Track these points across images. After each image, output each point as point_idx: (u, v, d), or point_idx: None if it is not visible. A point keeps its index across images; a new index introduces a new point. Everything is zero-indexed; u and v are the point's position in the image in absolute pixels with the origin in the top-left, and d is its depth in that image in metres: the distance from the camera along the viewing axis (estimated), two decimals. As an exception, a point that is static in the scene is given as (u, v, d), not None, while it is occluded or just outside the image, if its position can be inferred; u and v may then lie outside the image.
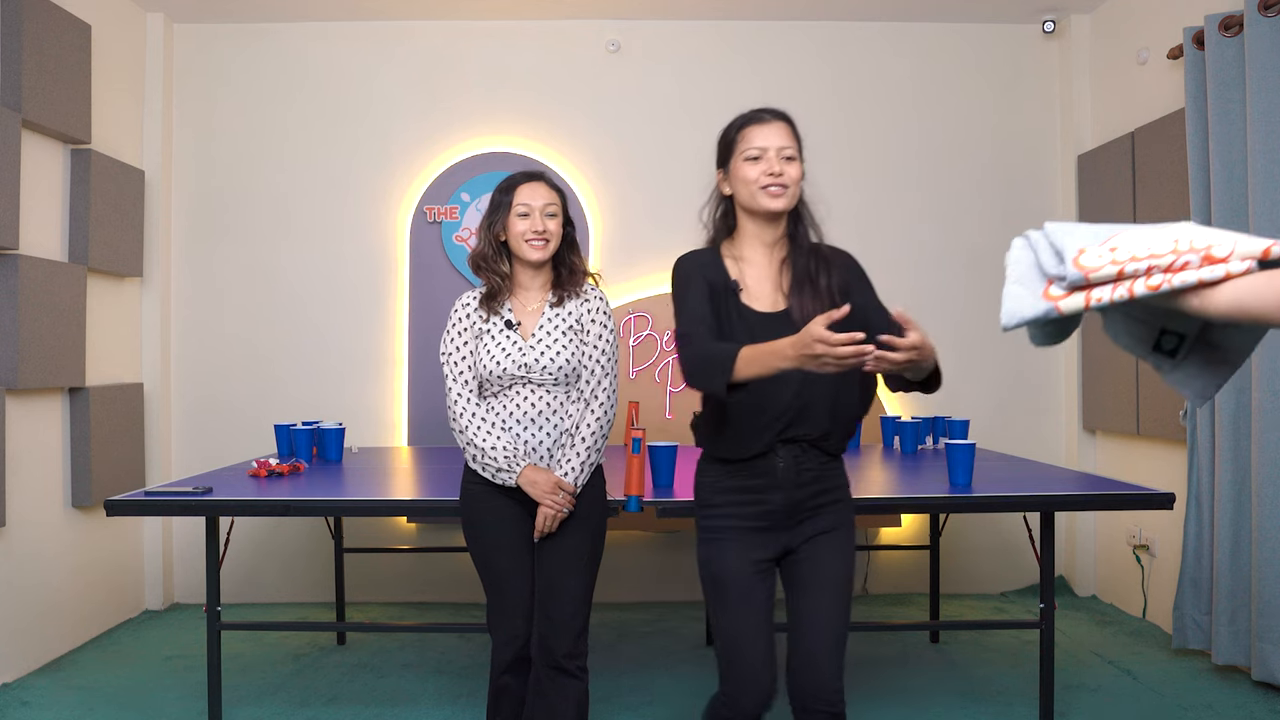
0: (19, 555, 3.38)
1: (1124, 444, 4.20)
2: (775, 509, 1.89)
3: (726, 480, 1.92)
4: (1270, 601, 3.05)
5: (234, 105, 4.50)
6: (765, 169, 1.88)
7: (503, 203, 2.26)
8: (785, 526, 1.90)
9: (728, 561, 1.88)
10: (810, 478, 1.89)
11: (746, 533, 1.89)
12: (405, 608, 4.32)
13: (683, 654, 3.63)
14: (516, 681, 2.26)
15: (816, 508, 1.91)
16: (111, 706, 3.10)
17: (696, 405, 2.00)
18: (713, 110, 4.51)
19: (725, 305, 1.89)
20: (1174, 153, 3.69)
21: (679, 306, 1.92)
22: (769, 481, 1.89)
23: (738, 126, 1.95)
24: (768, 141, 1.89)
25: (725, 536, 1.89)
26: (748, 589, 1.87)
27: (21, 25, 3.29)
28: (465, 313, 2.29)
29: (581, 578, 2.22)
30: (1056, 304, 0.99)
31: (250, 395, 4.43)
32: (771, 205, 1.88)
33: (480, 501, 2.25)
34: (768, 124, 1.91)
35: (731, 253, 1.97)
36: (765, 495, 1.88)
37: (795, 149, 1.91)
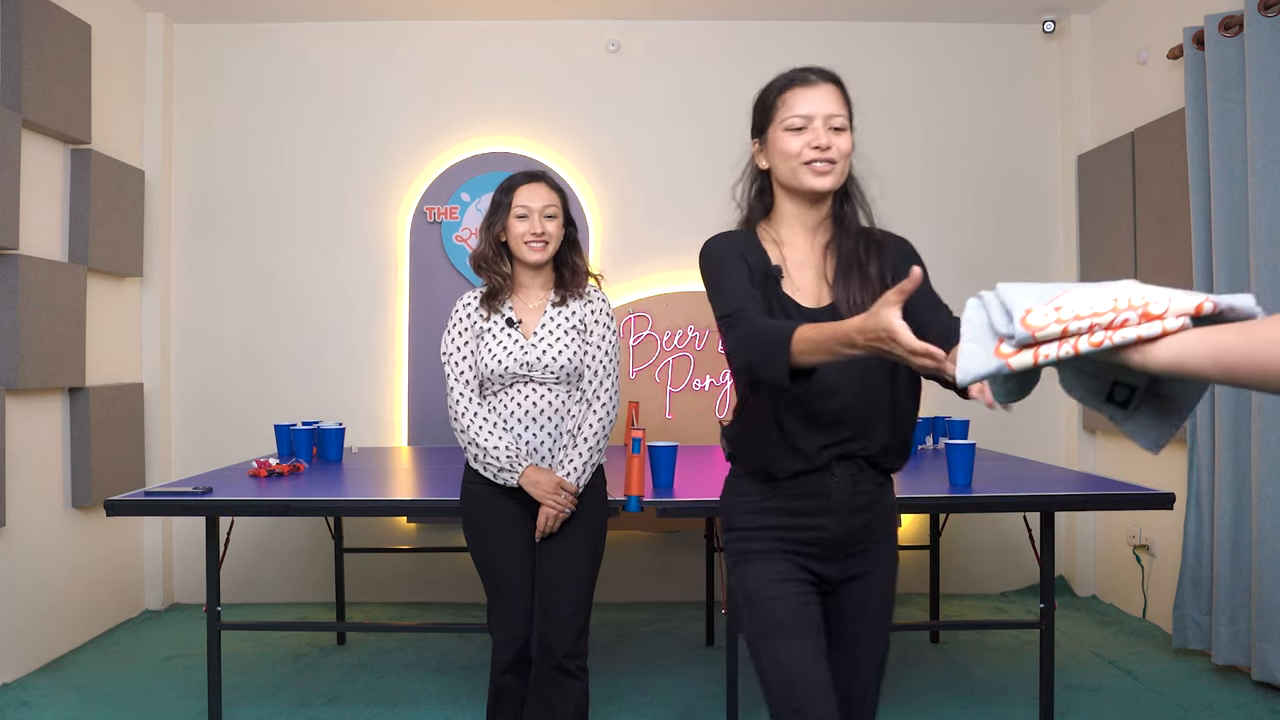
0: (19, 555, 3.38)
1: (1124, 444, 4.20)
2: (827, 537, 1.61)
3: (768, 500, 1.62)
4: (1270, 601, 3.05)
5: (234, 105, 4.50)
6: (810, 141, 1.58)
7: (502, 204, 2.26)
8: (833, 558, 1.63)
9: (772, 582, 1.59)
10: (865, 501, 1.62)
11: (795, 559, 1.61)
12: (405, 608, 4.32)
13: (683, 654, 3.63)
14: (517, 681, 2.26)
15: (870, 538, 1.65)
16: (111, 706, 3.10)
17: (720, 410, 1.91)
18: (713, 110, 4.55)
19: (765, 294, 1.60)
20: (1174, 153, 3.69)
21: (715, 289, 1.61)
22: (821, 504, 1.60)
23: (778, 89, 1.63)
24: (814, 108, 1.58)
25: (765, 556, 1.61)
26: (799, 613, 1.58)
27: (21, 25, 3.29)
28: (466, 312, 2.29)
29: (582, 578, 2.22)
30: (1007, 361, 1.06)
31: (250, 395, 4.43)
32: (816, 184, 1.59)
33: (481, 501, 2.25)
34: (814, 86, 1.60)
35: (769, 235, 1.68)
36: (816, 520, 1.61)
37: (846, 117, 1.61)
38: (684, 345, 4.38)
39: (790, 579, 1.60)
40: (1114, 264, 4.14)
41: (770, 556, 1.61)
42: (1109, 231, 4.19)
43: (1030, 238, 4.59)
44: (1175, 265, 3.70)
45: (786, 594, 1.58)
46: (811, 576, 1.62)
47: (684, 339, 4.37)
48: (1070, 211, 4.52)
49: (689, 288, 4.42)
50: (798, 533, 1.61)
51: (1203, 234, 3.39)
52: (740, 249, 1.62)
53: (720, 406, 4.34)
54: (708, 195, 4.55)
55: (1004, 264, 4.55)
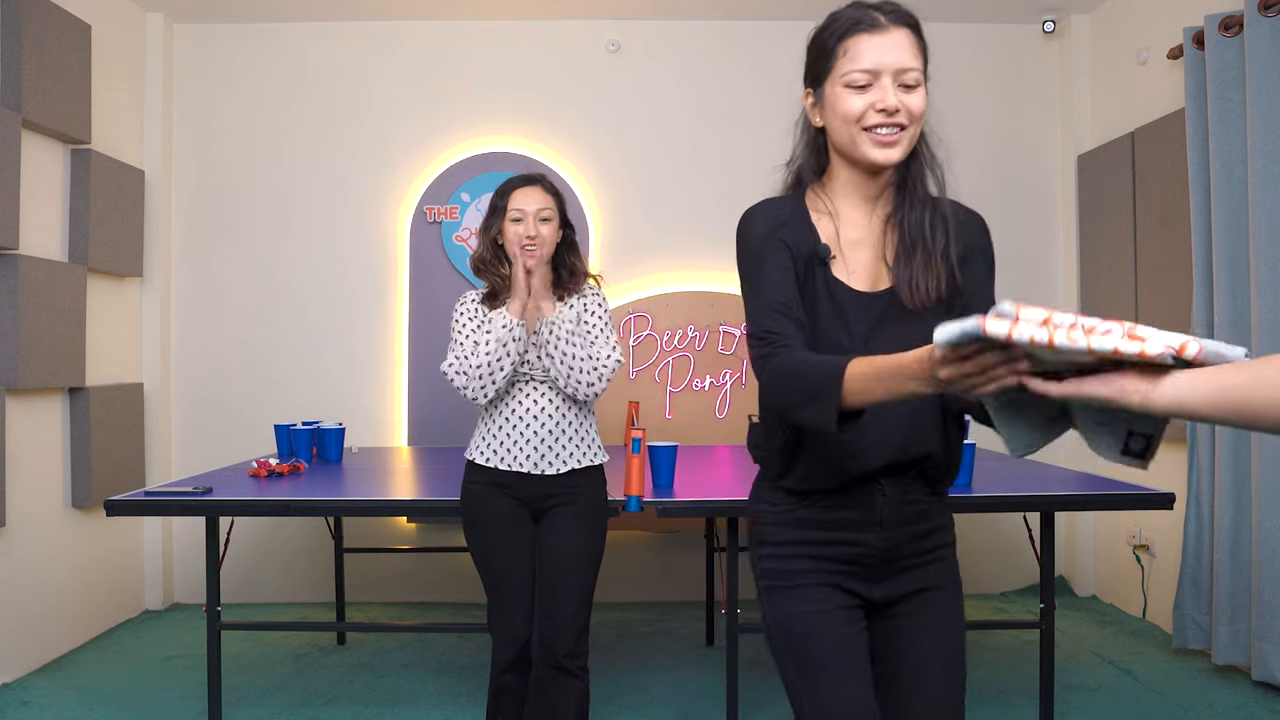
0: (19, 555, 3.38)
1: (1124, 444, 4.20)
2: (869, 553, 1.40)
3: (799, 511, 1.42)
4: (1270, 601, 3.05)
5: (234, 105, 4.50)
6: (875, 101, 1.32)
7: (498, 207, 2.28)
8: (878, 577, 1.41)
9: (812, 613, 1.38)
10: (914, 514, 1.41)
11: (830, 578, 1.40)
12: (405, 608, 4.32)
13: (683, 654, 3.63)
14: (517, 681, 2.26)
15: (920, 554, 1.43)
16: (111, 706, 3.10)
17: (720, 410, 1.66)
18: (713, 110, 4.55)
19: (810, 280, 1.37)
20: (1174, 153, 3.69)
21: (751, 290, 1.39)
22: (863, 517, 1.40)
23: (840, 32, 1.35)
24: (883, 59, 1.32)
25: (803, 581, 1.40)
26: (844, 648, 1.37)
27: (21, 25, 3.29)
28: (471, 309, 2.31)
29: (582, 578, 2.23)
30: (983, 323, 1.04)
31: (250, 395, 4.43)
32: (879, 157, 1.34)
33: (481, 501, 2.26)
34: (884, 32, 1.33)
35: (820, 203, 1.42)
36: (856, 535, 1.40)
37: (920, 71, 1.36)
38: (684, 345, 4.38)
39: (833, 607, 1.39)
40: (1114, 264, 4.14)
41: (807, 579, 1.40)
42: (1109, 231, 4.19)
43: (1030, 238, 4.59)
44: (1175, 265, 3.70)
45: (829, 626, 1.38)
46: (855, 600, 1.42)
47: (684, 339, 4.38)
48: (1070, 211, 4.52)
49: (689, 288, 4.42)
50: (834, 548, 1.41)
51: (1203, 234, 3.39)
52: (783, 229, 1.38)
53: (720, 407, 4.34)
54: (708, 195, 4.59)
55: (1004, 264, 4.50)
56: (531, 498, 2.24)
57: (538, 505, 2.25)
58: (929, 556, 1.44)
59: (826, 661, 1.37)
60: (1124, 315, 4.07)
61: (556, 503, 2.25)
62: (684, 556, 4.37)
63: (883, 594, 1.42)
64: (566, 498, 2.25)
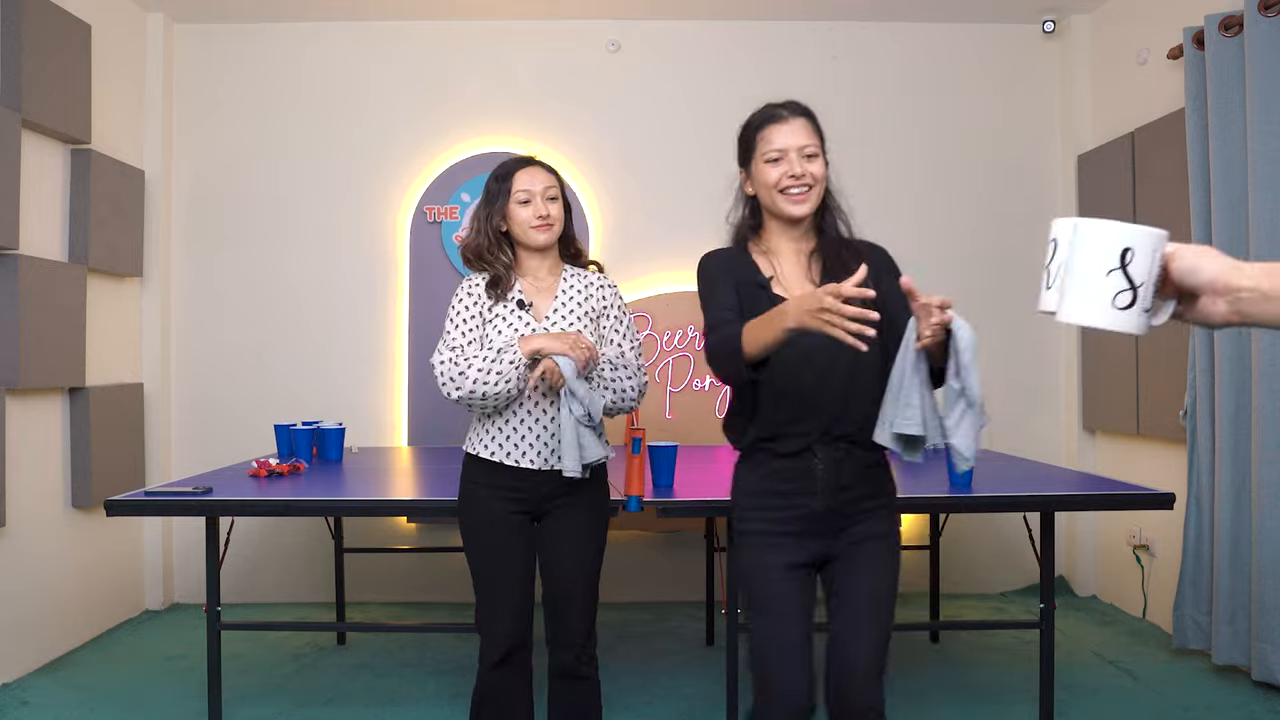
0: (19, 555, 3.38)
1: (1124, 444, 4.20)
2: (812, 514, 1.78)
3: (757, 483, 1.82)
4: (1270, 601, 3.05)
5: (234, 105, 4.50)
6: (786, 170, 1.80)
7: (500, 190, 2.19)
8: (826, 533, 1.79)
9: (759, 567, 1.79)
10: (851, 479, 1.78)
11: (780, 537, 1.78)
12: (405, 608, 4.32)
13: (683, 654, 3.63)
14: (503, 682, 2.19)
15: (860, 513, 1.80)
16: (111, 706, 3.10)
17: (720, 410, 2.00)
18: (713, 110, 4.54)
19: (757, 301, 1.80)
20: (1174, 153, 3.68)
21: (705, 303, 1.87)
22: (804, 485, 1.78)
23: (755, 126, 1.86)
24: (787, 141, 1.80)
25: (757, 541, 1.80)
26: (780, 596, 1.77)
27: (21, 25, 3.29)
28: (473, 297, 2.20)
29: (589, 582, 2.20)
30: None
31: (250, 395, 4.43)
32: (793, 211, 1.81)
33: (479, 505, 2.19)
34: (786, 122, 1.82)
35: (760, 249, 1.90)
36: (801, 500, 1.78)
37: (817, 145, 1.83)
38: (684, 345, 4.38)
39: (777, 564, 1.77)
40: (1114, 264, 4.13)
41: (761, 538, 1.79)
42: (1109, 231, 4.18)
43: (1030, 238, 4.58)
44: (1175, 265, 3.69)
45: (772, 577, 1.77)
46: (804, 555, 1.78)
47: (684, 339, 4.38)
48: (1070, 211, 4.51)
49: (689, 288, 4.38)
50: (784, 511, 1.78)
51: (1203, 234, 3.39)
52: (730, 266, 1.85)
53: (720, 407, 4.34)
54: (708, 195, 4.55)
55: (1004, 264, 4.55)
56: (535, 498, 2.17)
57: (541, 506, 2.19)
58: (869, 514, 1.80)
59: (766, 603, 1.78)
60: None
61: (561, 504, 2.18)
62: (684, 556, 4.37)
63: (830, 546, 1.79)
64: (571, 498, 2.18)
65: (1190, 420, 3.47)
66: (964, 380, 1.59)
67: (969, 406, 1.60)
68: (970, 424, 1.62)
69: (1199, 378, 3.39)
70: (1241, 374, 3.23)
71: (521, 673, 2.21)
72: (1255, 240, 3.10)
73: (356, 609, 4.24)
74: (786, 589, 1.77)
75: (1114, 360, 4.12)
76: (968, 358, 1.58)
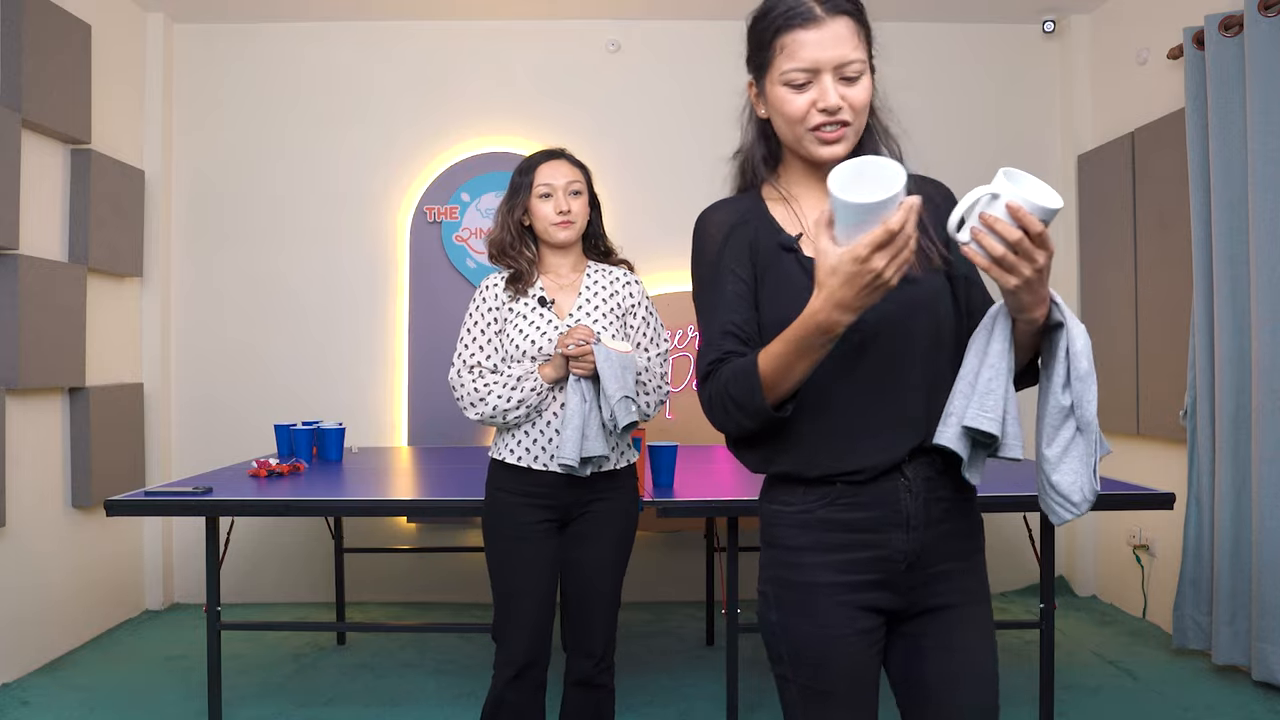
0: (19, 555, 3.38)
1: (1124, 444, 4.20)
2: (893, 557, 1.25)
3: (817, 509, 1.26)
4: (1270, 601, 3.05)
5: (234, 105, 4.50)
6: (816, 99, 1.23)
7: (523, 184, 2.15)
8: (901, 587, 1.27)
9: (827, 640, 1.25)
10: (942, 513, 1.27)
11: (847, 590, 1.25)
12: (405, 608, 4.32)
13: (683, 654, 3.63)
14: (517, 697, 2.14)
15: (947, 559, 1.28)
16: (111, 706, 3.10)
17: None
18: (713, 110, 4.53)
19: (780, 272, 1.27)
20: (1174, 153, 3.68)
21: (704, 303, 1.33)
22: (886, 516, 1.24)
23: (775, 25, 1.25)
24: (820, 55, 1.21)
25: (816, 597, 1.25)
26: (855, 679, 1.25)
27: (21, 25, 3.29)
28: (490, 296, 2.16)
29: (613, 592, 2.16)
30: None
31: (250, 395, 4.43)
32: (822, 154, 1.26)
33: (508, 515, 2.12)
34: (820, 25, 1.22)
35: (778, 191, 1.35)
36: (881, 536, 1.25)
37: (863, 59, 1.26)
38: (684, 345, 4.38)
39: (850, 632, 1.25)
40: (1114, 264, 4.14)
41: (817, 593, 1.25)
42: (1109, 231, 4.19)
43: (1030, 238, 4.59)
44: (1175, 265, 3.70)
45: (843, 654, 1.25)
46: (876, 618, 1.28)
47: (684, 339, 4.37)
48: (1070, 211, 4.51)
49: (689, 287, 4.40)
50: (855, 553, 1.25)
51: (1203, 234, 3.39)
52: (742, 227, 1.32)
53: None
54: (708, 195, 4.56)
55: (1004, 264, 4.54)
56: (564, 504, 2.12)
57: (569, 512, 2.13)
58: (960, 567, 1.29)
59: (835, 693, 1.25)
60: (1124, 315, 4.07)
61: (589, 510, 2.13)
62: (684, 556, 4.37)
63: (904, 604, 1.28)
64: (601, 504, 2.13)
65: (1190, 420, 3.47)
66: (1077, 394, 1.17)
67: (1080, 431, 1.18)
68: (1081, 455, 1.19)
69: (1199, 378, 3.39)
70: (1241, 374, 3.23)
71: (536, 687, 2.14)
72: (1255, 240, 3.10)
73: (356, 609, 4.24)
74: (863, 667, 1.26)
75: (1114, 360, 4.12)
76: (1085, 365, 1.17)
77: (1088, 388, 1.17)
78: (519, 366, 2.09)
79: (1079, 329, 1.18)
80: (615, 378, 1.98)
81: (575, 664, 2.16)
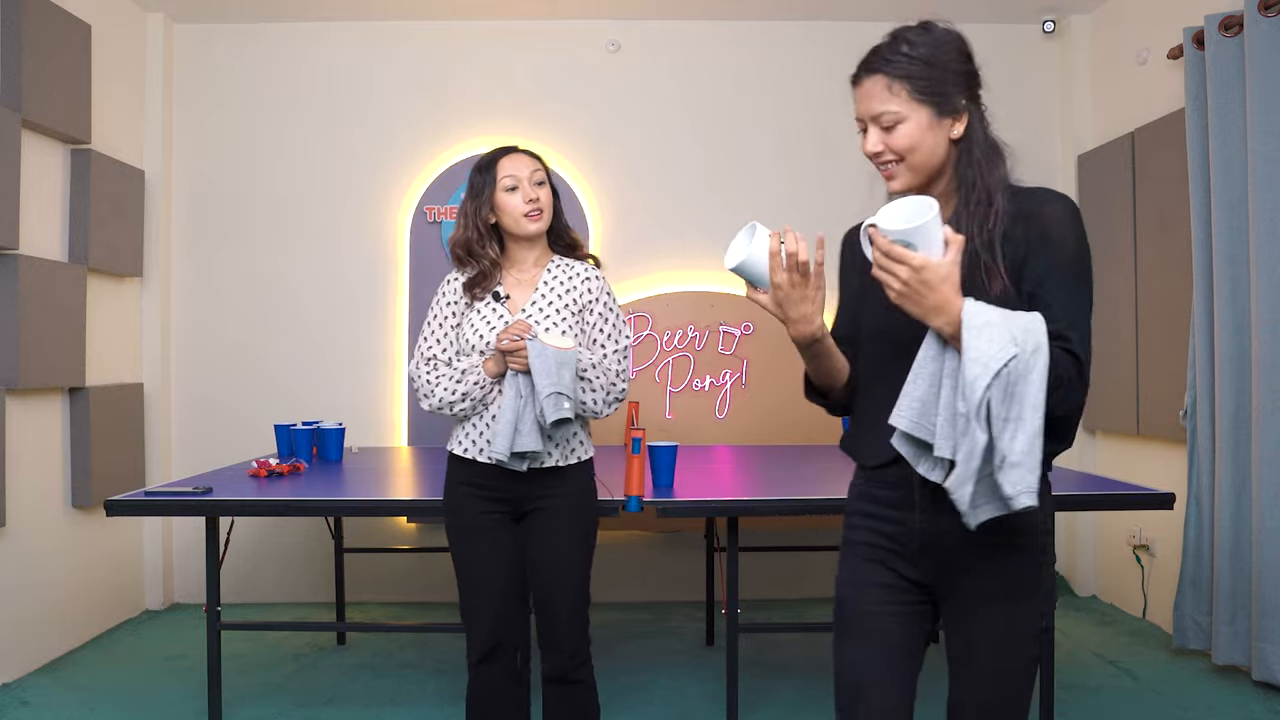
0: (19, 555, 3.38)
1: (1124, 444, 4.20)
2: (910, 534, 1.45)
3: (862, 486, 1.54)
4: (1270, 601, 3.05)
5: (234, 105, 4.50)
6: (864, 146, 1.45)
7: (486, 180, 2.16)
8: (919, 561, 1.45)
9: (849, 582, 1.50)
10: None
11: (877, 551, 1.48)
12: (405, 608, 4.32)
13: (683, 654, 3.63)
14: (488, 679, 2.18)
15: (968, 555, 1.41)
16: (111, 706, 3.10)
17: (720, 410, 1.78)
18: (713, 110, 4.55)
19: (868, 294, 1.48)
20: (1174, 153, 3.68)
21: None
22: (903, 497, 1.45)
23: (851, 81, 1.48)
24: (862, 109, 1.44)
25: (853, 550, 1.52)
26: (868, 618, 1.46)
27: (21, 25, 3.29)
28: (449, 296, 2.21)
29: (576, 588, 2.16)
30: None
31: (250, 395, 4.43)
32: (888, 186, 1.46)
33: (461, 505, 2.17)
34: (859, 85, 1.46)
35: None
36: (900, 513, 1.46)
37: (900, 108, 1.40)
38: (684, 345, 4.38)
39: (870, 582, 1.47)
40: (1114, 264, 4.14)
41: (856, 550, 1.51)
42: (1109, 231, 4.19)
43: (1030, 238, 4.59)
44: (1175, 265, 3.70)
45: (858, 596, 1.48)
46: (908, 575, 1.46)
47: (684, 339, 4.37)
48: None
49: (689, 288, 4.42)
50: (881, 524, 1.48)
51: (1203, 234, 3.39)
52: (849, 252, 1.61)
53: (720, 407, 4.34)
54: (708, 195, 4.58)
55: (1004, 264, 4.55)
56: (514, 498, 2.14)
57: (521, 506, 2.15)
58: (992, 560, 1.40)
59: (844, 626, 1.50)
60: (1124, 315, 4.07)
61: (541, 505, 2.14)
62: (684, 556, 4.37)
63: (934, 578, 1.45)
64: (551, 499, 2.14)
65: (1190, 420, 3.47)
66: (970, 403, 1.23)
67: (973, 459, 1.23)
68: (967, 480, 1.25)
69: (1199, 378, 3.39)
70: (1241, 374, 3.23)
71: (506, 670, 2.18)
72: (1255, 240, 3.10)
73: (356, 609, 4.24)
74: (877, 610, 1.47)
75: (1114, 360, 4.13)
76: (964, 405, 1.23)
77: (969, 432, 1.22)
78: (466, 360, 2.14)
79: (978, 364, 1.22)
80: (547, 373, 1.99)
81: (549, 661, 2.18)
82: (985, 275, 1.36)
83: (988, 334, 1.23)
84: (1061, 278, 1.35)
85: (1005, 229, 1.38)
